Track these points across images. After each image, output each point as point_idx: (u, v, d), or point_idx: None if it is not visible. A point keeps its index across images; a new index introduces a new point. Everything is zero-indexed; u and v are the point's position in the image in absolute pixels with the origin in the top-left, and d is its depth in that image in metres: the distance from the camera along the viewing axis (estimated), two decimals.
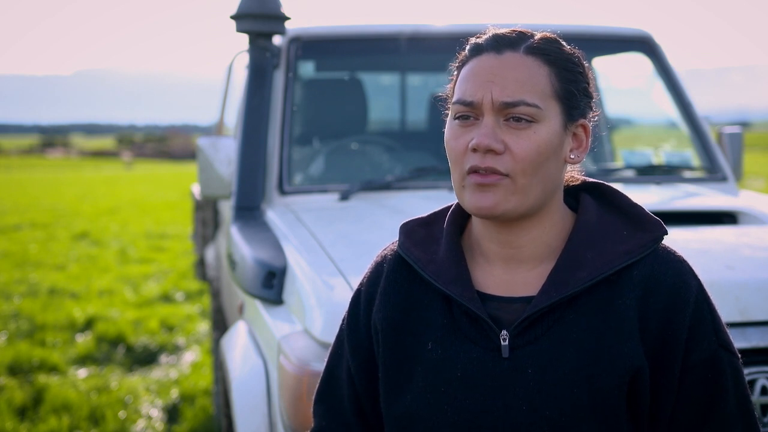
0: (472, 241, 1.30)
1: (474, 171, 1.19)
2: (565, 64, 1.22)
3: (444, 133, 1.26)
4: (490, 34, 1.24)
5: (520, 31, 1.24)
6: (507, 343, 1.20)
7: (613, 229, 1.25)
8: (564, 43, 1.25)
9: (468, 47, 1.26)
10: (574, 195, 1.32)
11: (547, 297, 1.19)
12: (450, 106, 1.25)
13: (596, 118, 1.28)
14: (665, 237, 1.25)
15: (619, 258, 1.21)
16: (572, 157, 1.24)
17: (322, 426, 1.38)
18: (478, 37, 1.25)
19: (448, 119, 1.25)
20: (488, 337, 1.21)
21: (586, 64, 1.27)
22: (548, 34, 1.25)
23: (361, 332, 1.34)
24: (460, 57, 1.27)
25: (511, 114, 1.18)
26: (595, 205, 1.29)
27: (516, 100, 1.17)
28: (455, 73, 1.27)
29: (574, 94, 1.22)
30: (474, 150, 1.18)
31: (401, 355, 1.27)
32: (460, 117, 1.21)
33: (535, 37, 1.23)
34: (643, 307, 1.20)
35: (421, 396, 1.23)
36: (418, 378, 1.25)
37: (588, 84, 1.25)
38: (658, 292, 1.20)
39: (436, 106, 1.34)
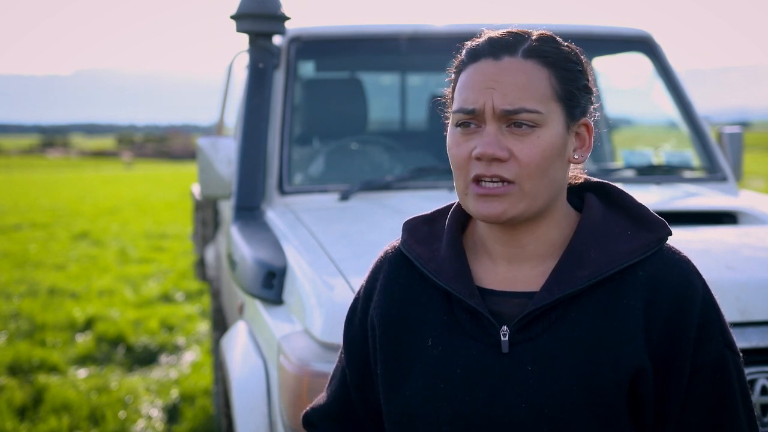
0: (475, 238, 1.30)
1: (479, 179, 1.19)
2: (565, 64, 1.21)
3: (444, 134, 1.26)
4: (486, 38, 1.22)
5: (516, 33, 1.22)
6: (507, 338, 1.20)
7: (617, 229, 1.24)
8: (561, 40, 1.24)
9: (465, 52, 1.24)
10: (578, 194, 1.32)
11: (550, 294, 1.19)
12: (450, 111, 1.24)
13: (596, 113, 1.27)
14: (669, 237, 1.25)
15: (623, 257, 1.20)
16: (576, 157, 1.23)
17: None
18: (474, 41, 1.24)
19: (450, 126, 1.24)
20: (488, 332, 1.21)
21: (584, 59, 1.25)
22: (545, 33, 1.23)
23: (355, 326, 1.36)
24: (457, 62, 1.25)
25: (513, 120, 1.17)
26: (600, 204, 1.28)
27: (517, 108, 1.16)
28: (453, 77, 1.26)
29: (575, 93, 1.21)
30: (478, 158, 1.18)
31: (400, 352, 1.27)
32: (462, 125, 1.21)
33: (532, 38, 1.21)
34: (648, 308, 1.19)
35: (420, 393, 1.24)
36: (417, 375, 1.25)
37: (588, 80, 1.24)
38: (664, 292, 1.20)
39: (436, 106, 1.33)
